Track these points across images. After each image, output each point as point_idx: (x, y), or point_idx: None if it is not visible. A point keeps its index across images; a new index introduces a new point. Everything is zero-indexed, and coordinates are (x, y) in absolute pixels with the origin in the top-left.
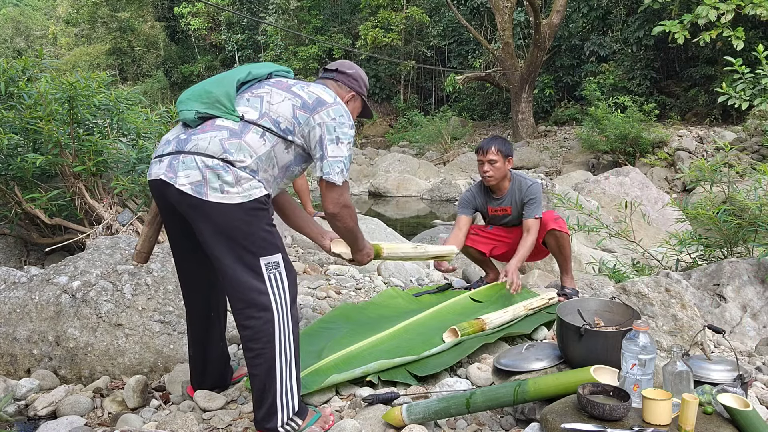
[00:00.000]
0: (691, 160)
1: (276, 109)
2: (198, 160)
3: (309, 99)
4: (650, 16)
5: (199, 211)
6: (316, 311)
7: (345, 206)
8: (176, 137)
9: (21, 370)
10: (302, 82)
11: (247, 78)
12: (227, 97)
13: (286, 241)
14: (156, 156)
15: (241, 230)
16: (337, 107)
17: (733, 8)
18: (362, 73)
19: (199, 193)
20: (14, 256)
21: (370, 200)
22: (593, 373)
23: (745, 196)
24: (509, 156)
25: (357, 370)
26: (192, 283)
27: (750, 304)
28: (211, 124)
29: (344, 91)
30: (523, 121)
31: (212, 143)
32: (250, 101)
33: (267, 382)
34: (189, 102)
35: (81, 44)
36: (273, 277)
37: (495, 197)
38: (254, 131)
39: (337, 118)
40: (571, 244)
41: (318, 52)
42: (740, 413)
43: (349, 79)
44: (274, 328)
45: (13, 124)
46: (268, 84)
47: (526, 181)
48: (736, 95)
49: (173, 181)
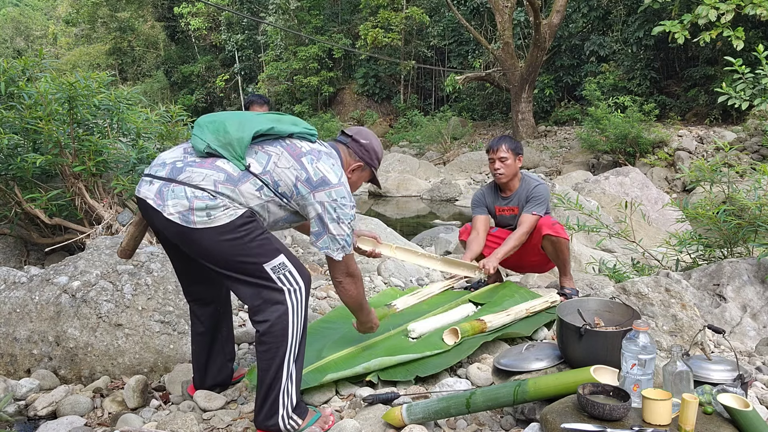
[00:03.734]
0: (691, 160)
1: (279, 172)
2: (188, 190)
3: (314, 176)
4: (650, 16)
5: (187, 238)
6: (316, 311)
7: (350, 275)
8: (173, 162)
9: (21, 370)
10: (315, 150)
11: (268, 132)
12: (240, 143)
13: (287, 241)
14: (148, 174)
15: (234, 247)
16: (340, 189)
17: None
18: (377, 145)
19: (186, 221)
20: (14, 256)
21: (370, 200)
22: (593, 373)
23: (745, 196)
24: (519, 154)
25: (358, 366)
26: (191, 277)
27: (750, 304)
28: (212, 162)
29: (353, 160)
30: (523, 121)
31: (206, 180)
32: (258, 155)
33: (275, 378)
34: (205, 131)
35: (81, 44)
36: (284, 277)
37: (503, 196)
38: (252, 182)
39: (338, 200)
40: (569, 248)
41: (318, 52)
42: (740, 413)
43: (362, 150)
44: (288, 322)
45: (13, 124)
46: (282, 145)
47: (534, 181)
48: (736, 95)
49: (161, 209)
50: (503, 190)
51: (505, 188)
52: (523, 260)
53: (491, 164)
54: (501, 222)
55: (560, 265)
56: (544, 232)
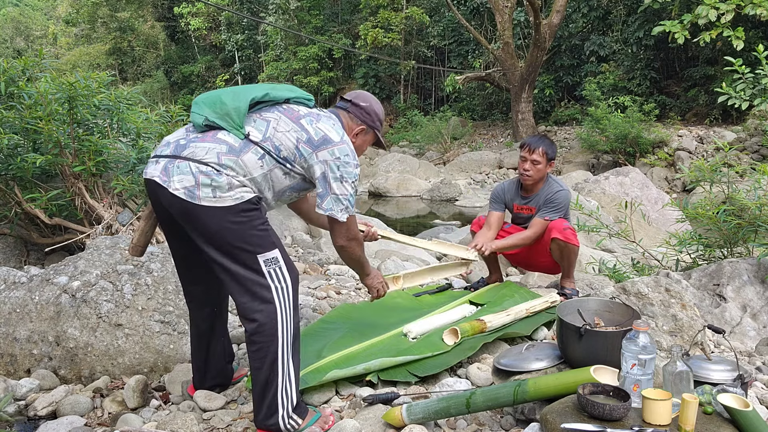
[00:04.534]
0: (691, 160)
1: (280, 137)
2: (192, 165)
3: (315, 135)
4: (650, 16)
5: (191, 215)
6: (316, 311)
7: (353, 239)
8: (176, 141)
9: (21, 370)
10: (314, 113)
11: (263, 98)
12: (237, 112)
13: (286, 241)
14: (154, 156)
15: (234, 231)
16: (343, 146)
17: (733, 8)
18: (377, 106)
19: (191, 197)
20: (14, 256)
21: (370, 200)
22: (593, 373)
23: (745, 196)
24: (552, 159)
25: (358, 366)
26: (191, 277)
27: (750, 304)
28: (213, 135)
29: (355, 124)
30: (523, 121)
31: (209, 154)
32: (257, 122)
33: (270, 377)
34: (202, 106)
35: (81, 44)
36: (274, 272)
37: (524, 195)
38: (254, 151)
39: (341, 158)
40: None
41: (318, 52)
42: (740, 413)
43: (362, 112)
44: (277, 321)
45: (13, 124)
46: (279, 110)
47: (557, 186)
48: (736, 95)
49: (167, 184)
50: (525, 189)
51: (527, 188)
52: (532, 260)
53: (522, 162)
54: (517, 220)
55: (564, 267)
56: (552, 235)
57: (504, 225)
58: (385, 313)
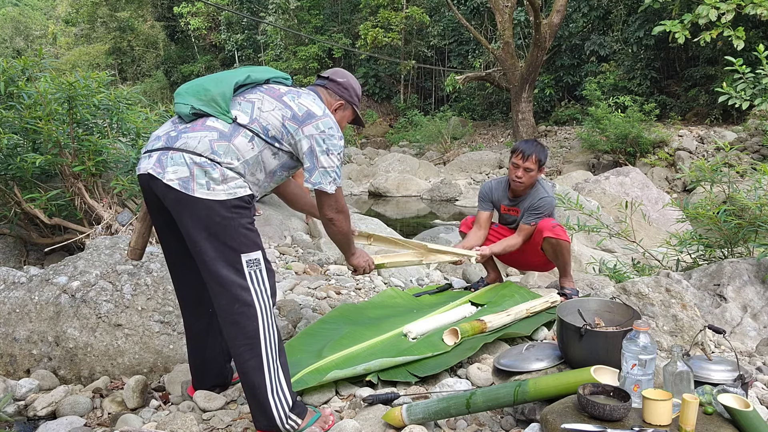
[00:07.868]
0: (691, 160)
1: (266, 116)
2: (186, 157)
3: (299, 111)
4: (650, 15)
5: (183, 206)
6: (316, 311)
7: (340, 211)
8: (166, 133)
9: (20, 370)
10: (294, 90)
11: (245, 81)
12: (223, 97)
13: (286, 241)
14: (146, 151)
15: (223, 226)
16: (326, 120)
17: (734, 8)
18: (354, 82)
19: (185, 188)
20: (14, 256)
21: (370, 200)
22: (593, 373)
23: (746, 196)
24: (544, 164)
25: (358, 367)
26: (184, 277)
27: (750, 305)
28: (202, 123)
29: (333, 99)
30: (523, 121)
31: (201, 143)
32: (242, 105)
33: (257, 379)
34: (186, 96)
35: (81, 44)
36: (254, 274)
37: (511, 197)
38: (243, 135)
39: (326, 131)
40: (570, 250)
41: (318, 52)
42: (741, 413)
43: (340, 88)
44: (258, 323)
45: (12, 124)
46: (261, 90)
47: (543, 192)
48: (737, 95)
49: (161, 176)
50: (513, 191)
51: (516, 192)
52: (522, 260)
53: (513, 169)
54: (504, 220)
55: (560, 266)
56: (544, 234)
57: (493, 225)
58: (385, 313)
